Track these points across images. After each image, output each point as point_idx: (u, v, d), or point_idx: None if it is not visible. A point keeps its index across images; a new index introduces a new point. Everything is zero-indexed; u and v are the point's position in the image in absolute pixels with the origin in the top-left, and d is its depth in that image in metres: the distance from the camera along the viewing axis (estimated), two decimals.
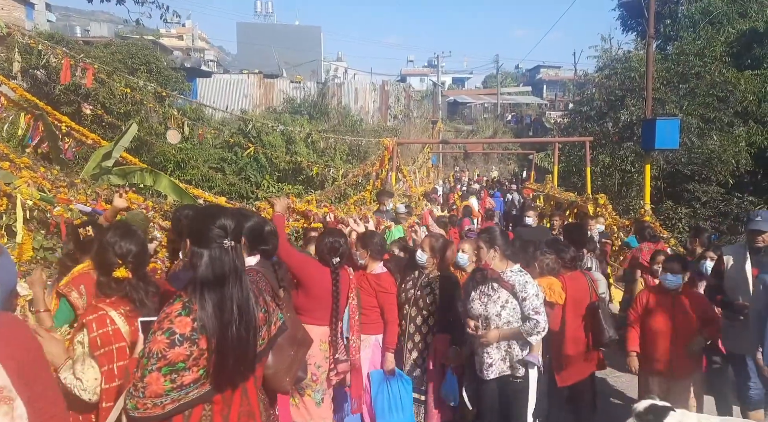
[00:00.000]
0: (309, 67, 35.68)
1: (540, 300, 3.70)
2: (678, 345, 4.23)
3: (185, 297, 1.96)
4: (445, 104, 42.34)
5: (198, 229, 1.99)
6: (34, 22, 29.75)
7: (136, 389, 1.86)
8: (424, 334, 4.27)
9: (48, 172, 5.67)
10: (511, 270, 3.75)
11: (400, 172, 13.18)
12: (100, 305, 2.46)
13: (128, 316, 2.45)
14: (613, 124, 18.60)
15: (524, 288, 3.68)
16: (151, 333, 1.89)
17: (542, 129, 35.75)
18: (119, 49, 17.95)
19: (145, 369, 1.85)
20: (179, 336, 1.87)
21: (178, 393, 1.88)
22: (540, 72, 60.46)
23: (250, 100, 26.64)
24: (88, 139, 8.72)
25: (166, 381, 1.85)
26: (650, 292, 4.55)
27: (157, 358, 1.85)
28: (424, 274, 4.36)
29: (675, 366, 4.24)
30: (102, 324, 2.40)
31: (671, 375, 4.27)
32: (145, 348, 1.89)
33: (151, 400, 1.85)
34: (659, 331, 4.29)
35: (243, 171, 18.67)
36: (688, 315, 4.26)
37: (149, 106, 13.79)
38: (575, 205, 11.79)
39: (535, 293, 3.68)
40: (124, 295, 2.50)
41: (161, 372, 1.85)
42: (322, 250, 3.75)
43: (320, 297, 3.61)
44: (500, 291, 3.70)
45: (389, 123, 28.97)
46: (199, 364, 1.90)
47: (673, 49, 20.36)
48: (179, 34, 49.63)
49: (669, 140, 9.21)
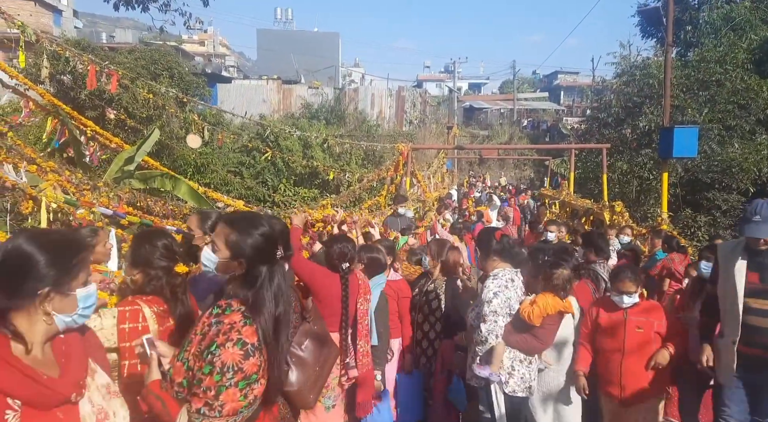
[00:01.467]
0: (326, 72, 35.97)
1: (492, 308, 3.43)
2: (632, 363, 3.79)
3: (239, 306, 1.93)
4: (461, 110, 42.29)
5: (262, 248, 2.00)
6: (61, 28, 30.42)
7: (211, 408, 1.74)
8: (431, 340, 4.35)
9: (72, 176, 5.83)
10: (493, 274, 3.61)
11: (414, 177, 13.24)
12: (136, 300, 2.49)
13: (160, 316, 2.49)
14: (631, 130, 18.48)
15: (483, 292, 3.54)
16: (216, 347, 1.79)
17: (559, 135, 35.55)
18: (143, 55, 18.29)
19: (220, 385, 1.74)
20: (251, 346, 1.82)
21: (249, 409, 1.82)
22: (557, 77, 60.10)
23: (269, 105, 26.94)
24: (111, 143, 8.94)
25: (241, 397, 1.78)
26: (600, 306, 4.03)
27: (234, 372, 1.76)
28: (430, 280, 4.47)
29: (629, 388, 3.79)
30: (134, 319, 2.43)
31: (625, 400, 3.82)
32: (215, 363, 1.77)
33: (226, 419, 1.76)
34: (610, 349, 3.87)
35: (260, 175, 18.90)
36: (644, 330, 3.82)
37: (170, 111, 14.05)
38: (591, 212, 11.74)
39: (488, 300, 3.46)
40: (161, 294, 2.54)
41: (238, 387, 1.76)
42: (331, 256, 3.75)
43: (329, 303, 3.62)
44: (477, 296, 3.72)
45: (405, 128, 29.06)
46: (265, 376, 1.87)
47: (693, 55, 20.17)
48: (201, 40, 50.40)
49: (687, 149, 9.14)
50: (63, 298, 1.57)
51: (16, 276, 1.50)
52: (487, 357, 3.47)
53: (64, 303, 1.58)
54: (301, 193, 18.60)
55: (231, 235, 2.01)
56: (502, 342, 3.46)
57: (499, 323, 3.43)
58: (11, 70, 7.92)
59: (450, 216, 10.96)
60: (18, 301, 1.51)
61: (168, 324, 2.53)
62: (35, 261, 1.52)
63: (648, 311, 3.92)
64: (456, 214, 12.68)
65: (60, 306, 1.57)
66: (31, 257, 1.52)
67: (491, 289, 3.50)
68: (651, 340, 3.83)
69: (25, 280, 1.51)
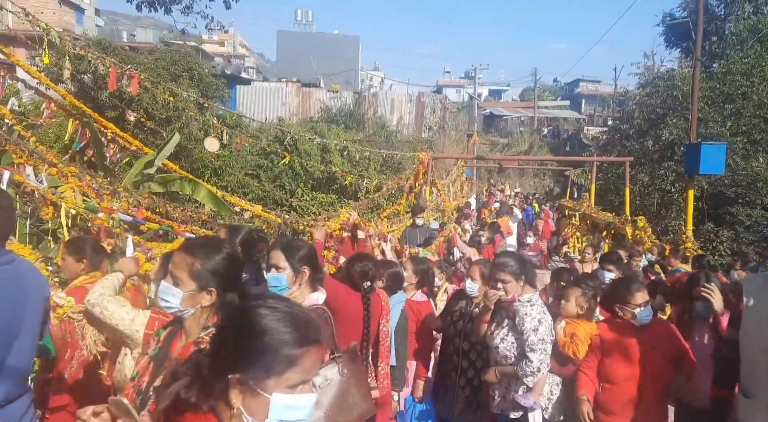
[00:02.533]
0: (345, 76, 35.99)
1: (539, 336, 3.30)
2: (647, 392, 3.33)
3: None
4: (481, 117, 42.10)
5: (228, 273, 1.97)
6: (83, 26, 30.78)
7: None
8: (478, 369, 3.90)
9: (93, 181, 5.81)
10: (520, 300, 3.43)
11: (434, 186, 13.13)
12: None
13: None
14: (654, 142, 18.22)
15: (522, 321, 3.36)
16: None
17: (579, 144, 35.21)
18: (163, 56, 18.38)
19: None
20: None
21: None
22: (579, 86, 59.66)
23: (288, 108, 26.97)
24: (131, 146, 8.94)
25: None
26: (609, 326, 3.57)
27: None
28: (474, 304, 4.03)
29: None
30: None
31: None
32: None
33: None
34: (623, 376, 3.39)
35: (278, 178, 18.88)
36: (660, 352, 3.36)
37: (190, 114, 14.09)
38: (613, 226, 11.51)
39: (533, 328, 3.32)
40: None
41: None
42: (352, 275, 3.63)
43: (350, 322, 3.51)
44: (506, 322, 3.49)
45: (424, 134, 28.94)
46: None
47: (719, 67, 19.86)
48: (221, 41, 50.76)
49: (714, 165, 8.93)
50: (253, 396, 1.24)
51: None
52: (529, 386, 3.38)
53: (252, 404, 1.24)
54: (318, 198, 18.55)
55: (195, 264, 1.88)
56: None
57: (547, 351, 3.33)
58: (33, 71, 7.95)
59: (469, 227, 10.78)
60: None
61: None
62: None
63: (661, 330, 3.52)
64: (476, 225, 12.49)
65: (247, 404, 1.24)
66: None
67: (534, 316, 3.36)
68: (669, 364, 3.39)
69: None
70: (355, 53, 44.73)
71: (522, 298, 3.44)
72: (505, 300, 3.44)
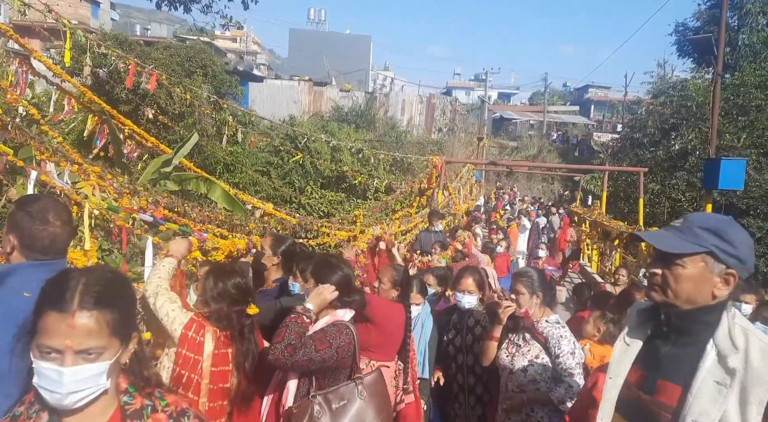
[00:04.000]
0: (356, 75, 35.99)
1: (576, 360, 3.12)
2: None
3: None
4: (490, 119, 42.05)
5: None
6: (99, 20, 30.87)
7: None
8: (485, 382, 3.73)
9: (114, 179, 5.83)
10: (547, 321, 3.24)
11: (446, 190, 13.13)
12: (204, 318, 2.60)
13: (219, 340, 2.57)
14: (665, 151, 18.16)
15: (558, 343, 3.14)
16: None
17: (588, 150, 35.13)
18: (177, 52, 18.47)
19: None
20: None
21: None
22: (588, 91, 59.49)
23: (299, 106, 27.01)
24: (147, 143, 8.96)
25: None
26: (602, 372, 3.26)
27: None
28: (469, 314, 3.86)
29: None
30: (198, 331, 2.53)
31: None
32: None
33: None
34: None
35: (288, 176, 18.92)
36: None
37: (204, 111, 14.15)
38: (624, 235, 11.45)
39: (571, 351, 3.13)
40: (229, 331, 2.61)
41: None
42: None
43: (393, 332, 3.43)
44: (531, 344, 3.24)
45: (433, 136, 28.92)
46: None
47: (732, 79, 19.78)
48: (234, 37, 50.81)
49: (733, 181, 8.84)
50: None
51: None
52: (553, 411, 3.18)
53: None
54: (327, 196, 18.59)
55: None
56: None
57: (582, 375, 3.12)
58: (50, 63, 7.92)
59: (480, 231, 10.75)
60: None
61: (223, 351, 2.58)
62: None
63: None
64: (485, 228, 12.47)
65: None
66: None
67: (569, 339, 3.17)
68: None
69: None
70: (366, 53, 44.75)
71: (549, 319, 3.26)
72: (518, 314, 3.31)
